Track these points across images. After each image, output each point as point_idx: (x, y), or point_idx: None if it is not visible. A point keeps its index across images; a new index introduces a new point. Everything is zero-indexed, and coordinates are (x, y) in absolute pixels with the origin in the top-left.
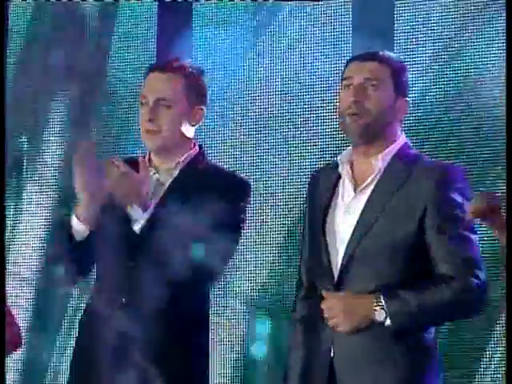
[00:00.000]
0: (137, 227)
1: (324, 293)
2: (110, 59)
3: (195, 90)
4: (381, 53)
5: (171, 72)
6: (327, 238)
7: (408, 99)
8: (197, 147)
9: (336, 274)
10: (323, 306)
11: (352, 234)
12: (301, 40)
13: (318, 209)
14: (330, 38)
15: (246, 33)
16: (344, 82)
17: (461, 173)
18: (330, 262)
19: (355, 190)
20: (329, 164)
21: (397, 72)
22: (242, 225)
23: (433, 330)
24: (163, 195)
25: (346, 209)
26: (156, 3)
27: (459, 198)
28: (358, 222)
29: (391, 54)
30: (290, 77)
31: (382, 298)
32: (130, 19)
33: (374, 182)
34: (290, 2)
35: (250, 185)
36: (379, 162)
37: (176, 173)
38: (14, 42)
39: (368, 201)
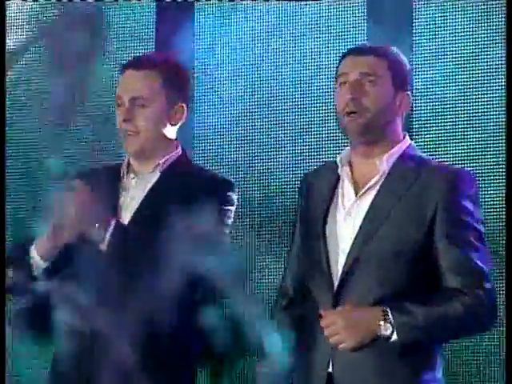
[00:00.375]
0: (102, 246)
1: (322, 311)
2: (107, 59)
3: (174, 87)
4: (376, 46)
5: (147, 69)
6: (327, 244)
7: (409, 93)
8: (179, 149)
9: (336, 282)
10: (322, 323)
11: (354, 240)
12: (307, 37)
13: (315, 212)
14: (343, 32)
15: (251, 29)
16: (339, 80)
17: (471, 178)
18: (329, 269)
19: (356, 193)
20: (325, 164)
21: (394, 65)
22: (228, 225)
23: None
24: (143, 201)
25: (347, 213)
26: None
27: (470, 205)
28: (360, 227)
29: (388, 47)
30: (297, 73)
31: (388, 311)
32: (127, 17)
33: (378, 185)
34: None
35: (234, 184)
36: (384, 163)
37: (156, 176)
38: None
39: (372, 204)
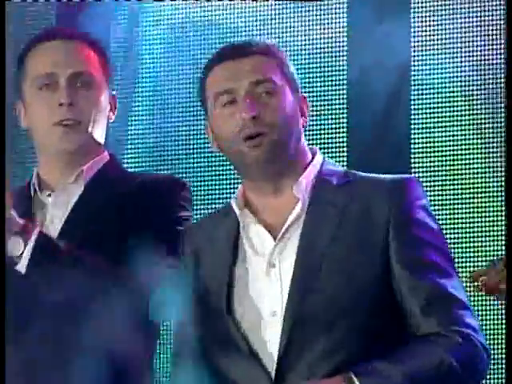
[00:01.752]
0: (21, 265)
1: None
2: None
3: (108, 66)
4: (242, 43)
5: (81, 40)
6: (237, 318)
7: (305, 95)
8: (106, 153)
9: (272, 365)
10: None
11: (289, 298)
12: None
13: (215, 275)
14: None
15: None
16: (221, 99)
17: (418, 184)
18: (251, 349)
19: (274, 236)
20: (214, 212)
21: (282, 61)
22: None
23: None
24: (66, 221)
25: (270, 264)
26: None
27: (428, 219)
28: (294, 275)
29: (262, 39)
30: None
31: (352, 376)
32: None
33: (301, 218)
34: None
35: (185, 183)
36: (301, 190)
37: (81, 188)
38: None
39: (300, 245)
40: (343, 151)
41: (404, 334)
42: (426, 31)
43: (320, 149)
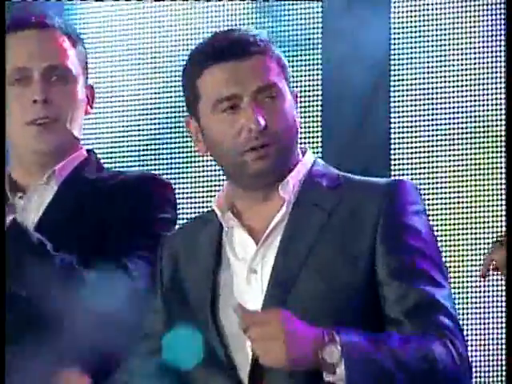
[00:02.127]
0: None
1: (242, 309)
2: None
3: (85, 55)
4: (251, 38)
5: (52, 27)
6: (220, 331)
7: (295, 90)
8: (83, 151)
9: (243, 375)
10: (249, 321)
11: (264, 302)
12: None
13: (196, 285)
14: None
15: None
16: (220, 106)
17: (413, 189)
18: (229, 358)
19: (257, 241)
20: (193, 219)
21: (280, 56)
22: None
23: None
24: (38, 224)
25: (251, 270)
26: None
27: (419, 225)
28: (271, 280)
29: (255, 32)
30: None
31: (335, 333)
32: None
33: (284, 221)
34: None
35: (169, 183)
36: (287, 191)
37: (54, 189)
38: None
39: (282, 247)
40: (318, 151)
41: None
42: (405, 22)
43: None
